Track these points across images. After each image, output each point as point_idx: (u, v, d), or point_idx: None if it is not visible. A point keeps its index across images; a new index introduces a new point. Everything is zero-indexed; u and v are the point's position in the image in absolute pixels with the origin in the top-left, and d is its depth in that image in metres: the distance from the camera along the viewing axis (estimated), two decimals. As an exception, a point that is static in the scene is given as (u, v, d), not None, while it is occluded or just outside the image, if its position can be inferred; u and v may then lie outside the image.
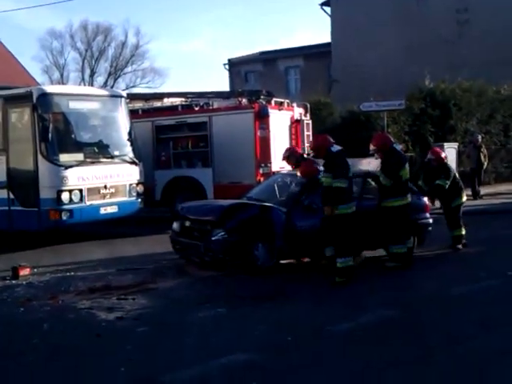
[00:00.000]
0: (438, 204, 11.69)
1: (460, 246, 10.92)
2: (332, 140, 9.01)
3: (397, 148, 9.83)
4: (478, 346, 5.98)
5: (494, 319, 6.85)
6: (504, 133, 23.14)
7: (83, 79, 51.45)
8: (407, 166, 9.72)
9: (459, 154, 19.63)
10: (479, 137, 19.21)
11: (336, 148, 8.86)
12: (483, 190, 18.81)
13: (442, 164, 11.25)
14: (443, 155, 11.51)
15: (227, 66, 38.34)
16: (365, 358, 5.68)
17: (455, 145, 19.57)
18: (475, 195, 18.24)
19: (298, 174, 9.92)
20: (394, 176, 9.40)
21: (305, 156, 11.11)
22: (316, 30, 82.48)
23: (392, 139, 10.24)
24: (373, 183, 10.13)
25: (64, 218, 12.07)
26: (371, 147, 9.95)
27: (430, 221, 10.59)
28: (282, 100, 15.83)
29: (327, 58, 32.76)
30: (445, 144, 18.41)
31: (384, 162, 9.62)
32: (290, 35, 79.11)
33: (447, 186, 10.99)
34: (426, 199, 10.73)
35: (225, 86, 39.17)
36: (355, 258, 9.38)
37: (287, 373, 5.37)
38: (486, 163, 18.76)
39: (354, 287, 8.46)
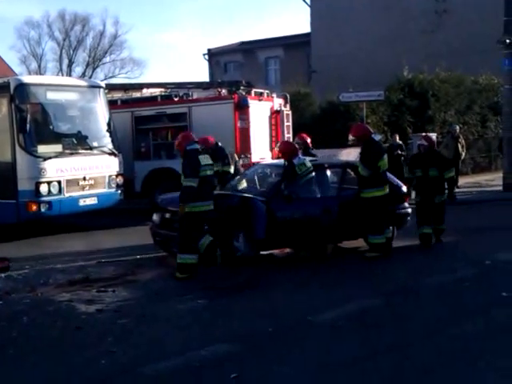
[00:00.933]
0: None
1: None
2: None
3: (375, 138, 9.88)
4: (456, 334, 6.06)
5: (470, 308, 6.95)
6: (481, 123, 23.36)
7: (61, 69, 50.99)
8: (386, 156, 9.80)
9: (437, 144, 19.76)
10: (457, 127, 19.38)
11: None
12: (461, 181, 18.99)
13: (433, 151, 10.86)
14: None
15: (207, 57, 38.21)
16: (346, 347, 5.74)
17: (433, 135, 19.68)
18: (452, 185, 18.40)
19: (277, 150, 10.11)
20: (372, 166, 9.46)
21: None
22: (296, 20, 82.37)
23: (371, 130, 10.30)
24: (352, 173, 10.19)
25: (43, 210, 11.98)
26: (350, 137, 10.02)
27: (409, 211, 10.68)
28: (262, 91, 15.83)
29: (307, 49, 32.80)
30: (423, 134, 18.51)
31: (363, 153, 9.68)
32: (269, 26, 78.96)
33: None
34: (404, 188, 10.77)
35: (204, 77, 39.11)
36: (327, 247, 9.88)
37: (268, 363, 5.40)
38: (463, 154, 18.94)
39: (333, 278, 8.53)
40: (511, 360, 5.40)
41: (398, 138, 18.07)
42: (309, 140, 12.96)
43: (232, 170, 12.06)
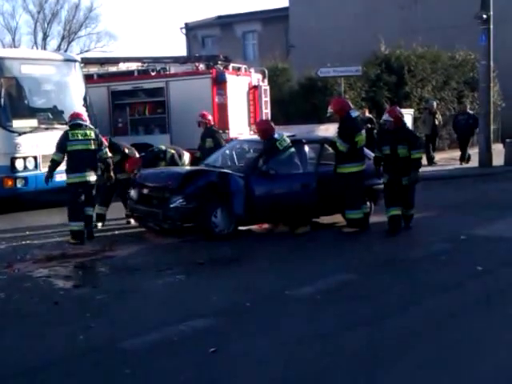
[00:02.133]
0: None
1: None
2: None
3: (353, 115, 9.88)
4: (431, 307, 6.16)
5: (446, 281, 7.05)
6: (458, 99, 23.50)
7: (36, 43, 50.05)
8: (363, 132, 9.83)
9: (414, 120, 19.91)
10: (434, 103, 19.50)
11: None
12: (437, 156, 19.16)
13: (401, 127, 9.81)
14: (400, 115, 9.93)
15: (184, 31, 37.80)
16: (323, 320, 5.80)
17: (411, 111, 19.80)
18: (429, 161, 18.58)
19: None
20: (350, 141, 9.49)
21: None
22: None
23: (350, 105, 10.30)
24: (330, 149, 10.20)
25: (19, 185, 11.88)
26: (329, 109, 10.01)
27: (386, 186, 10.72)
28: (240, 65, 15.75)
29: (285, 23, 32.61)
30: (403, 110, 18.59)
31: (340, 127, 9.70)
32: (247, -1, 78.11)
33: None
34: None
35: (182, 51, 38.72)
36: (301, 227, 9.78)
37: (246, 337, 5.44)
38: (439, 129, 19.10)
39: (311, 253, 8.59)
40: (485, 332, 5.50)
41: (367, 111, 18.13)
42: (210, 117, 12.66)
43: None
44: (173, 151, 11.04)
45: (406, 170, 9.54)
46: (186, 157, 11.36)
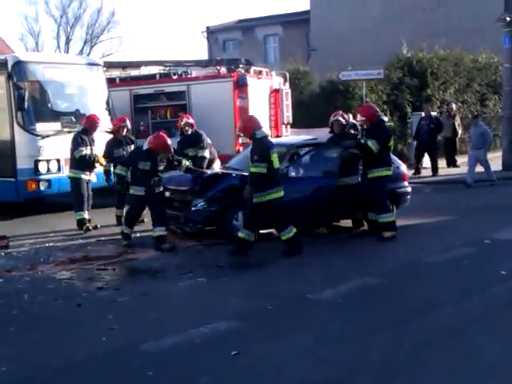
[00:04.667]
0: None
1: (388, 234, 9.39)
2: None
3: (385, 119, 9.89)
4: (455, 311, 6.10)
5: (469, 286, 6.98)
6: (480, 102, 23.28)
7: (59, 47, 50.51)
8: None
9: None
10: (454, 106, 19.30)
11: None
12: (459, 160, 18.96)
13: (375, 124, 9.52)
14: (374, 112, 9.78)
15: (205, 34, 37.91)
16: (345, 324, 5.77)
17: (433, 114, 19.62)
18: (450, 164, 18.42)
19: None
20: (383, 146, 9.36)
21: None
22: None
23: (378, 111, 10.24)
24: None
25: (42, 188, 11.97)
26: (359, 118, 9.90)
27: (409, 190, 10.69)
28: (261, 69, 15.74)
29: (306, 26, 32.54)
30: (422, 113, 18.49)
31: (373, 132, 9.47)
32: (268, 2, 78.27)
33: (376, 150, 9.24)
34: (403, 167, 10.78)
35: (203, 55, 38.84)
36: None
37: (268, 340, 5.44)
38: (460, 132, 18.88)
39: (332, 256, 8.54)
40: (509, 336, 5.44)
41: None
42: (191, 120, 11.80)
43: (207, 154, 11.60)
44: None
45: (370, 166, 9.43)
46: (217, 164, 11.37)
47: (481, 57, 23.79)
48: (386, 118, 10.33)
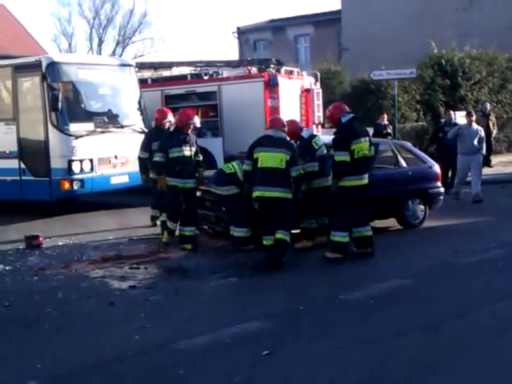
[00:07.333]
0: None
1: (330, 255, 8.19)
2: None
3: (343, 120, 8.34)
4: (487, 314, 6.01)
5: (504, 288, 6.87)
6: (516, 102, 22.92)
7: (91, 48, 51.12)
8: (364, 139, 8.26)
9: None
10: (488, 105, 19.01)
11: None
12: (495, 159, 18.70)
13: (339, 128, 8.43)
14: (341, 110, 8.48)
15: (236, 35, 37.99)
16: (377, 326, 5.73)
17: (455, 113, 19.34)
18: (484, 164, 18.16)
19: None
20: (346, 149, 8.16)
21: None
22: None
23: (345, 109, 8.55)
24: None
25: (75, 187, 12.10)
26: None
27: (442, 190, 10.57)
28: (292, 69, 15.70)
29: (337, 26, 32.39)
30: (457, 112, 18.21)
31: (336, 135, 8.49)
32: (299, 2, 78.14)
33: (349, 159, 8.05)
34: (436, 167, 10.63)
35: (234, 55, 38.92)
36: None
37: (299, 341, 5.42)
38: (494, 131, 18.58)
39: (364, 258, 8.45)
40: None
41: (385, 118, 17.80)
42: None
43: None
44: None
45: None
46: None
47: (515, 55, 23.42)
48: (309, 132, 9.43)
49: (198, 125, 9.80)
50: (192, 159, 9.18)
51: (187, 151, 9.10)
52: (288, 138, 8.55)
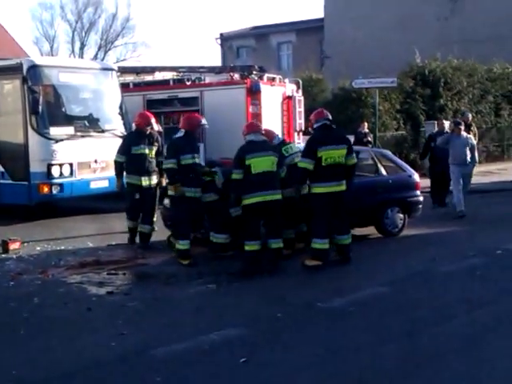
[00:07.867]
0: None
1: (309, 263, 8.16)
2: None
3: (319, 124, 8.39)
4: (465, 323, 6.04)
5: (481, 296, 6.92)
6: (495, 112, 23.19)
7: (73, 51, 50.86)
8: (333, 147, 8.14)
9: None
10: (469, 115, 19.18)
11: None
12: (474, 169, 18.81)
13: (311, 134, 8.57)
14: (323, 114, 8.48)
15: (219, 41, 38.05)
16: (355, 334, 5.73)
17: (446, 123, 19.53)
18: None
19: None
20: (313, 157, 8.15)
21: None
22: (309, 4, 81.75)
23: (322, 116, 8.48)
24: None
25: (54, 192, 12.00)
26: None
27: (421, 199, 10.64)
28: (274, 76, 15.74)
29: (320, 34, 32.62)
30: (435, 128, 18.33)
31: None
32: (282, 10, 78.48)
33: (311, 167, 8.10)
34: (416, 176, 10.71)
35: (217, 61, 38.96)
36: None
37: (277, 348, 5.41)
38: (475, 142, 18.72)
39: (343, 265, 8.49)
40: (522, 350, 5.38)
41: (366, 126, 17.99)
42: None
43: None
44: None
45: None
46: None
47: (495, 67, 23.72)
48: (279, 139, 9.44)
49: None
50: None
51: (197, 158, 8.70)
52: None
